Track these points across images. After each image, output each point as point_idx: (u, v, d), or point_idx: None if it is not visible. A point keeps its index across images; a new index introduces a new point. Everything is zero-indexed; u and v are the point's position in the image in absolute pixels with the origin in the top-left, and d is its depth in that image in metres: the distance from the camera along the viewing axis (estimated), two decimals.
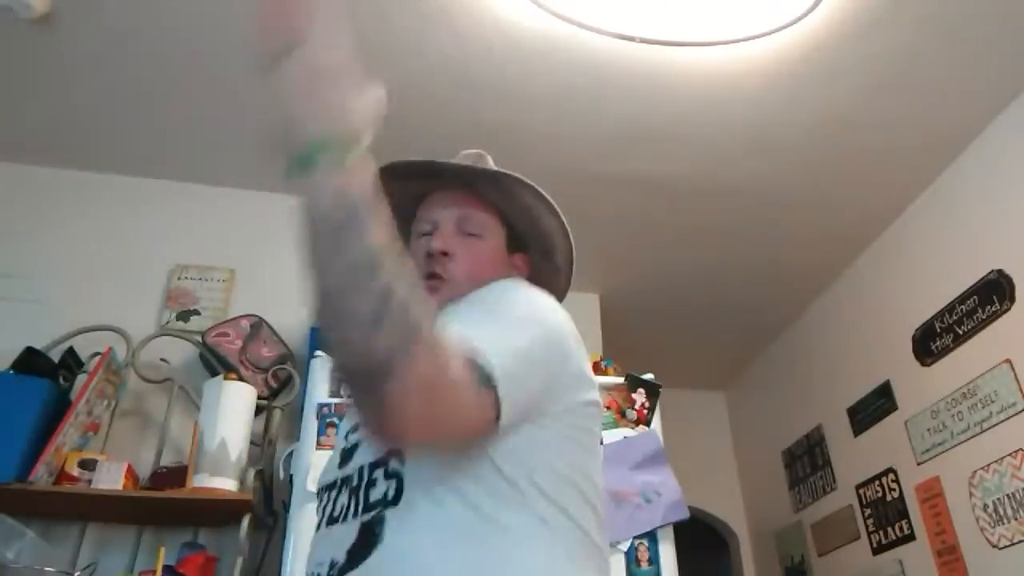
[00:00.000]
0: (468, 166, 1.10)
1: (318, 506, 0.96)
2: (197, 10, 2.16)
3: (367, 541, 0.81)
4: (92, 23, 2.20)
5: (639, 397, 2.29)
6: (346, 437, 0.98)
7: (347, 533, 0.84)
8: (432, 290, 0.98)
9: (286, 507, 2.01)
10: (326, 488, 0.95)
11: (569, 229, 1.12)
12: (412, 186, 1.12)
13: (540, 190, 1.10)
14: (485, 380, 0.77)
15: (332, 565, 0.83)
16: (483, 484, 0.82)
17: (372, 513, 0.83)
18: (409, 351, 0.67)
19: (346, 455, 0.94)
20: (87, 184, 2.73)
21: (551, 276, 1.14)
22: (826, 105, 2.47)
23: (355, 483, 0.88)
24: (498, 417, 0.78)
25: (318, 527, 0.93)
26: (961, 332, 2.63)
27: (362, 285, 0.67)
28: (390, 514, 0.82)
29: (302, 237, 0.70)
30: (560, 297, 1.12)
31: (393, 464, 0.84)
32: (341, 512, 0.88)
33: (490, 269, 1.04)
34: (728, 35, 2.20)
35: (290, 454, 2.11)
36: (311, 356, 2.22)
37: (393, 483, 0.83)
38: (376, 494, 0.84)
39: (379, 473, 0.85)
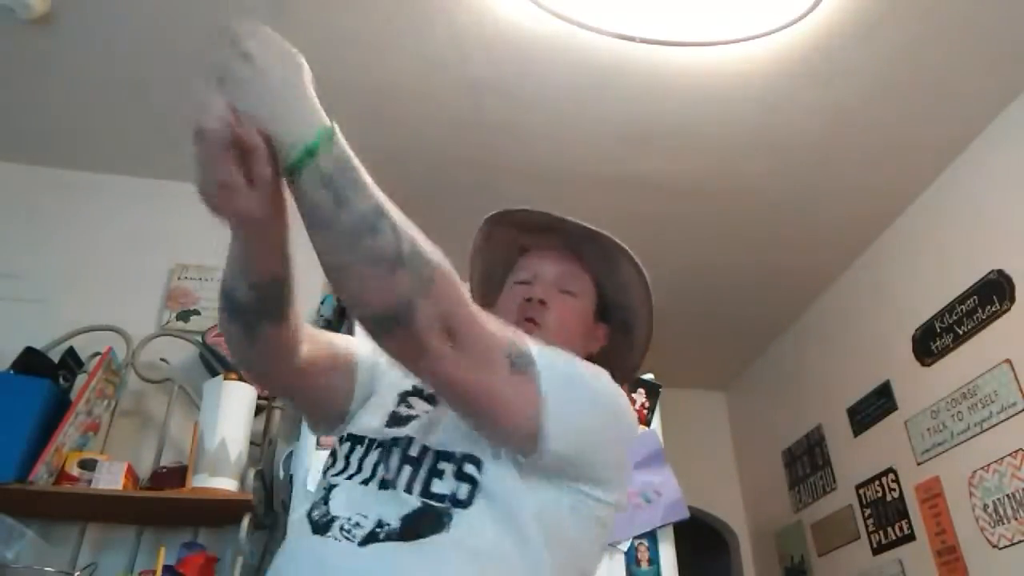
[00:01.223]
0: (584, 225, 1.13)
1: (339, 450, 0.97)
2: (197, 9, 2.16)
3: (432, 522, 0.84)
4: (92, 23, 2.20)
5: (639, 397, 2.29)
6: (401, 399, 1.01)
7: (398, 502, 0.86)
8: (527, 331, 0.99)
9: (286, 507, 2.01)
10: (358, 440, 0.96)
11: (653, 311, 1.18)
12: (513, 236, 1.18)
13: (640, 266, 1.16)
14: (522, 364, 0.85)
15: (380, 524, 0.84)
16: (541, 536, 0.86)
17: (437, 503, 0.85)
18: (428, 290, 0.76)
19: (397, 419, 0.97)
20: (87, 184, 2.73)
21: (625, 352, 1.17)
22: (826, 105, 2.47)
23: (411, 457, 0.90)
24: (539, 415, 0.85)
25: (334, 471, 0.95)
26: (961, 332, 2.63)
27: (378, 226, 0.74)
28: (458, 514, 0.85)
29: (311, 210, 0.75)
30: (630, 375, 1.18)
31: (469, 468, 0.88)
32: (382, 475, 0.90)
33: (578, 329, 1.09)
34: (728, 35, 2.20)
35: (290, 454, 2.11)
36: None
37: (467, 487, 0.86)
38: (443, 488, 0.87)
39: (448, 467, 0.88)
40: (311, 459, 1.90)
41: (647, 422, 2.25)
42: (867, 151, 2.67)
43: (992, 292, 2.51)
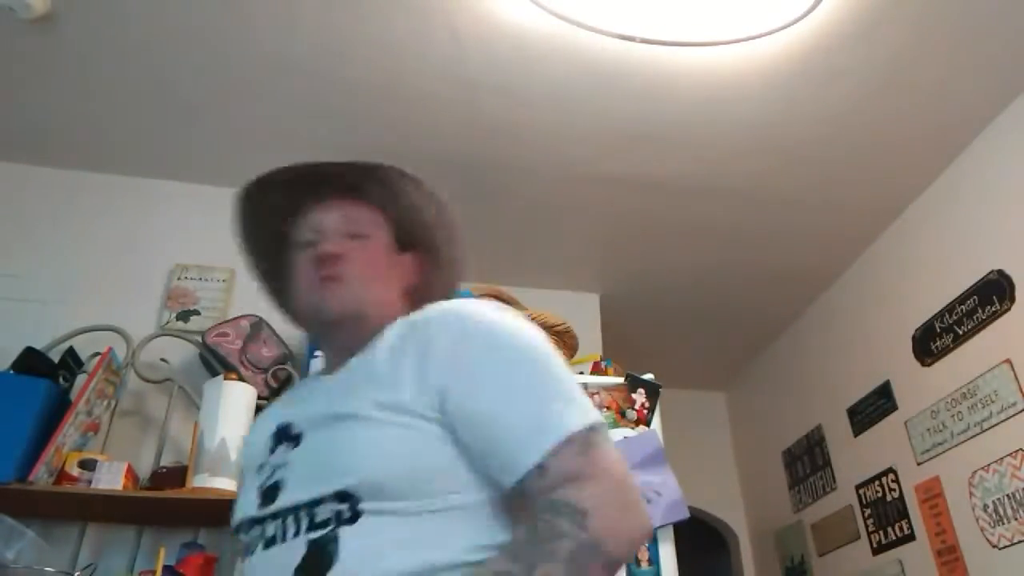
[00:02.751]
0: (349, 163, 1.07)
1: (245, 542, 0.92)
2: (197, 10, 2.16)
3: (321, 559, 0.79)
4: (92, 23, 2.20)
5: (639, 397, 2.29)
6: (261, 471, 0.93)
7: (290, 551, 0.82)
8: (327, 290, 0.98)
9: None
10: (249, 523, 0.91)
11: (455, 220, 1.12)
12: (289, 198, 1.10)
13: (424, 183, 1.10)
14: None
15: None
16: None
17: (324, 530, 0.81)
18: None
19: (268, 493, 0.90)
20: (87, 184, 2.73)
21: (437, 272, 1.13)
22: (826, 105, 2.47)
23: (288, 518, 0.85)
24: None
25: (250, 554, 0.89)
26: (961, 332, 2.63)
27: None
28: (346, 530, 0.80)
29: None
30: (448, 293, 1.12)
31: (348, 498, 0.82)
32: (276, 537, 0.85)
33: (383, 271, 1.04)
34: (728, 35, 2.20)
35: None
36: (311, 356, 2.22)
37: (348, 507, 0.81)
38: (325, 513, 0.82)
39: (325, 506, 0.83)
40: None
41: (647, 422, 2.25)
42: (867, 151, 2.67)
43: (992, 292, 2.51)
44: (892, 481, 2.96)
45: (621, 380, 2.32)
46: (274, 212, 1.13)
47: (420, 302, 1.03)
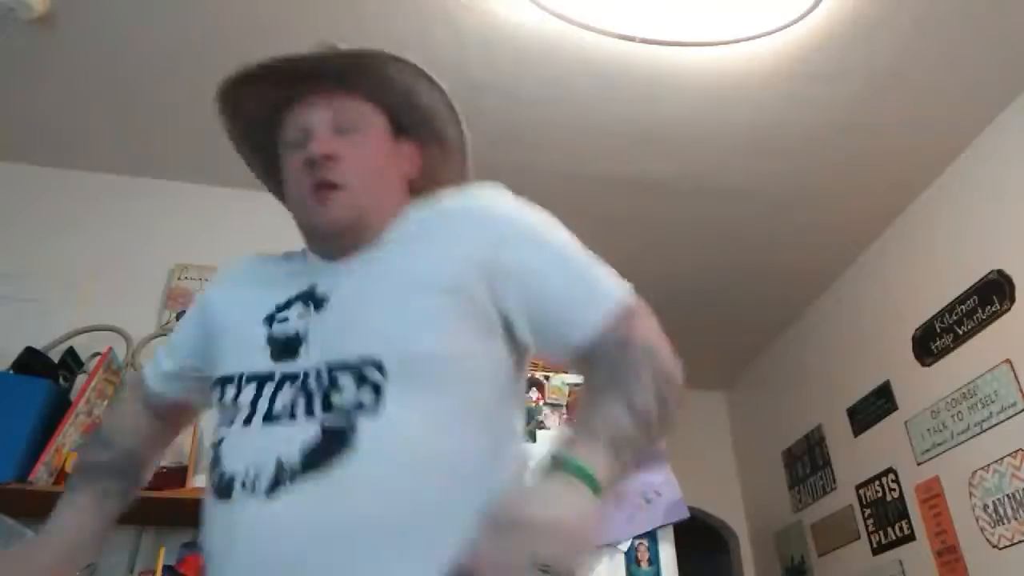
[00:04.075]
0: (327, 53, 0.95)
1: (232, 398, 0.84)
2: (197, 9, 2.16)
3: (333, 446, 0.75)
4: (92, 23, 2.20)
5: None
6: (274, 322, 0.87)
7: (296, 433, 0.76)
8: (325, 200, 0.89)
9: None
10: (253, 379, 0.84)
11: (454, 103, 1.00)
12: (271, 95, 0.99)
13: (415, 63, 0.97)
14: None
15: (280, 466, 0.75)
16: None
17: (340, 417, 0.76)
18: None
19: (286, 347, 0.84)
20: (87, 184, 2.73)
21: (445, 159, 1.03)
22: (826, 105, 2.47)
23: (308, 382, 0.80)
24: None
25: (231, 423, 0.82)
26: (961, 332, 2.63)
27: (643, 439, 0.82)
28: (365, 422, 0.75)
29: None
30: (463, 179, 1.03)
31: (372, 374, 0.77)
32: (285, 410, 0.79)
33: (381, 164, 0.95)
34: (728, 35, 2.20)
35: None
36: None
37: (369, 391, 0.77)
38: (344, 399, 0.77)
39: (346, 378, 0.78)
40: None
41: None
42: (867, 151, 2.67)
43: (992, 292, 2.51)
44: (892, 481, 2.96)
45: None
46: (259, 110, 1.01)
47: (427, 194, 0.97)
